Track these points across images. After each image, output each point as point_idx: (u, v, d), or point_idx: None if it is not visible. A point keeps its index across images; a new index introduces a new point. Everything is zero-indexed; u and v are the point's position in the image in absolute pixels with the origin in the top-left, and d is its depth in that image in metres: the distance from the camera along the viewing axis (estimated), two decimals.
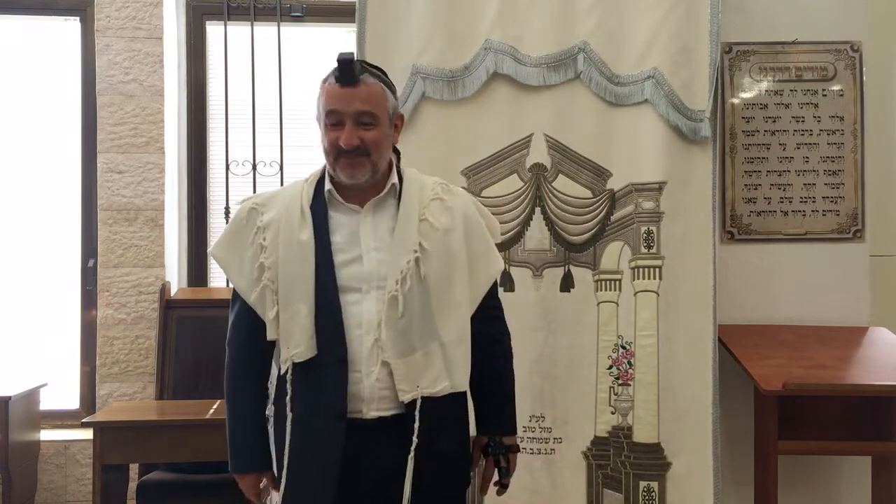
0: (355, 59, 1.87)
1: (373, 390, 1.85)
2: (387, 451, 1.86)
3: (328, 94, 1.87)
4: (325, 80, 1.90)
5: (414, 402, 1.85)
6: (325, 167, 1.97)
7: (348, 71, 1.84)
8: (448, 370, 1.90)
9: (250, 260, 1.93)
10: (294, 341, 1.86)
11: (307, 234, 1.89)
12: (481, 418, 2.07)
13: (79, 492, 3.96)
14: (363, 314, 1.86)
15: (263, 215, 1.95)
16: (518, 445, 2.10)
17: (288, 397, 1.86)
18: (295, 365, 1.86)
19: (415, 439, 1.84)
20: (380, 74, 1.92)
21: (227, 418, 1.96)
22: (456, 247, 1.94)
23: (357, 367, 1.85)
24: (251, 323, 1.93)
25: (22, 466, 3.71)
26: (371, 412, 1.85)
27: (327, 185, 1.95)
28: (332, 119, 1.87)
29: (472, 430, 2.08)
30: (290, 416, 1.85)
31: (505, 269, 2.86)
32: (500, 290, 2.22)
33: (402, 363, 1.86)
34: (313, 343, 1.85)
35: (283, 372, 1.87)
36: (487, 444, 2.05)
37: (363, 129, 1.86)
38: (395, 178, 1.95)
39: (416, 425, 1.84)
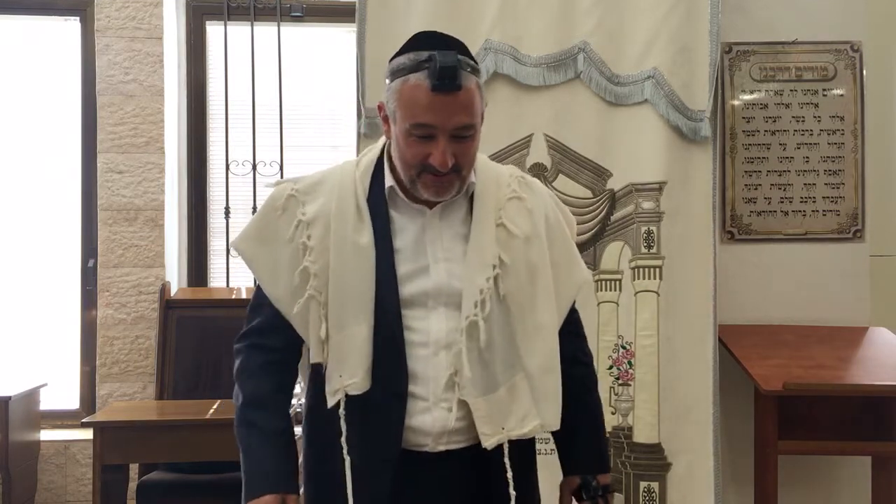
0: (458, 60, 1.49)
1: (445, 423, 1.56)
2: (453, 487, 1.60)
3: (416, 103, 1.49)
4: (404, 74, 1.52)
5: (499, 446, 1.56)
6: (382, 152, 1.65)
7: (452, 78, 1.48)
8: (537, 406, 1.60)
9: (289, 261, 1.60)
10: (349, 369, 1.55)
11: (367, 236, 1.57)
12: (570, 454, 1.76)
13: (79, 492, 3.96)
14: (430, 332, 1.57)
15: (306, 206, 1.61)
16: (614, 485, 1.80)
17: (343, 437, 1.56)
18: (347, 397, 1.56)
19: (513, 492, 1.57)
20: (474, 64, 1.56)
21: (244, 440, 1.62)
22: (538, 258, 1.64)
23: (423, 396, 1.56)
24: (285, 336, 1.62)
25: (22, 466, 3.71)
26: (439, 446, 1.57)
27: (388, 181, 1.61)
28: (421, 132, 1.51)
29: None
30: (347, 459, 1.56)
31: None
32: None
33: (482, 402, 1.55)
34: (371, 373, 1.56)
35: (331, 405, 1.56)
36: (582, 485, 1.72)
37: (457, 143, 1.52)
38: (473, 177, 1.61)
39: (510, 475, 1.57)
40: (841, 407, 2.86)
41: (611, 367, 2.91)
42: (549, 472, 2.81)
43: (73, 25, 4.26)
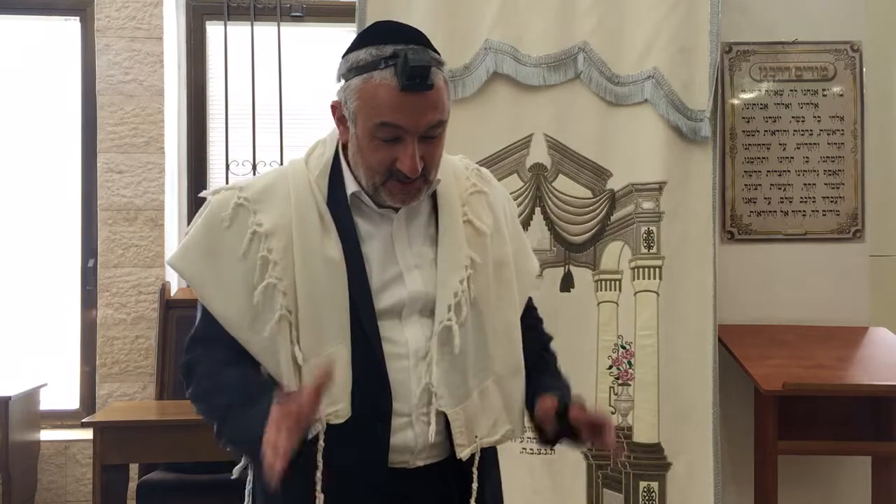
0: (430, 57, 1.38)
1: (426, 439, 1.44)
2: (428, 499, 1.49)
3: (382, 102, 1.36)
4: (365, 72, 1.38)
5: (472, 456, 1.47)
6: (336, 153, 1.50)
7: (424, 78, 1.35)
8: (507, 410, 1.52)
9: (243, 279, 1.42)
10: (330, 395, 1.36)
11: (336, 249, 1.42)
12: (541, 387, 1.54)
13: (79, 492, 3.95)
14: (408, 343, 1.45)
15: (258, 215, 1.44)
16: None
17: (319, 471, 1.40)
18: (327, 426, 1.40)
19: (473, 503, 1.48)
20: (440, 58, 1.43)
21: (214, 407, 1.42)
22: (502, 254, 1.55)
23: (404, 412, 1.43)
24: (241, 366, 1.43)
25: (22, 466, 3.71)
26: (418, 461, 1.46)
27: (352, 186, 1.46)
28: (387, 134, 1.37)
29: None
30: (320, 496, 1.40)
31: None
32: None
33: (460, 412, 1.45)
34: (351, 395, 1.41)
35: (309, 437, 1.36)
36: (560, 406, 1.47)
37: (426, 144, 1.39)
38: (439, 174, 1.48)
39: (475, 486, 1.47)
40: (841, 407, 2.87)
41: (610, 367, 2.91)
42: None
43: (73, 25, 4.25)
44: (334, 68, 1.47)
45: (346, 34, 4.09)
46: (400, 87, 1.34)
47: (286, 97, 4.21)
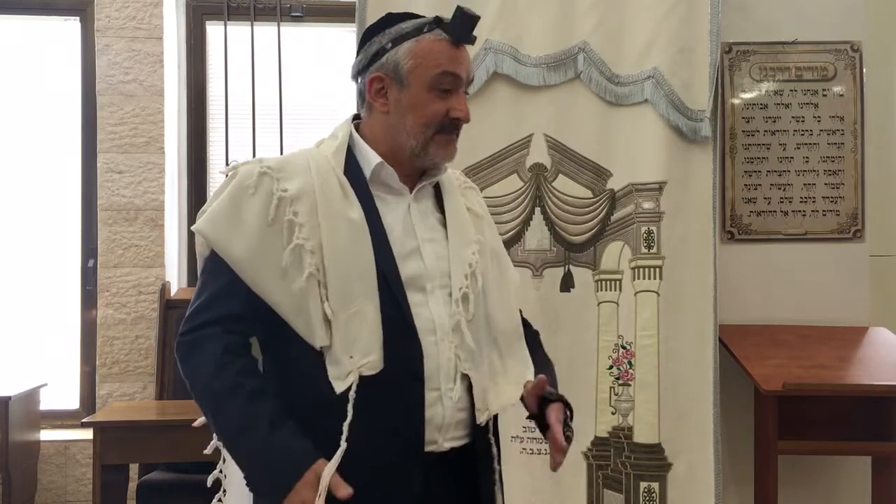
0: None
1: (453, 413, 1.50)
2: (456, 493, 1.54)
3: (440, 54, 1.51)
4: (412, 37, 1.52)
5: (487, 425, 1.55)
6: (350, 133, 1.58)
7: (472, 29, 1.52)
8: (507, 382, 1.62)
9: (271, 243, 1.46)
10: (361, 349, 1.43)
11: (357, 212, 1.48)
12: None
13: (79, 492, 3.96)
14: (434, 318, 1.50)
15: (282, 182, 1.48)
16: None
17: (347, 422, 1.42)
18: (361, 380, 1.43)
19: (497, 466, 1.56)
20: None
21: (233, 428, 1.51)
22: (496, 243, 1.70)
23: (434, 385, 1.48)
24: (255, 313, 1.46)
25: (22, 466, 3.71)
26: (446, 442, 1.50)
27: (375, 158, 1.54)
28: (447, 83, 1.52)
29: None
30: (343, 445, 1.42)
31: None
32: None
33: (477, 375, 1.53)
34: (383, 352, 1.45)
35: (342, 389, 1.43)
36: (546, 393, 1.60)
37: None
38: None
39: (495, 450, 1.57)
40: (841, 407, 2.86)
41: (611, 367, 2.91)
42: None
43: (73, 25, 4.26)
44: (334, 68, 1.51)
45: (346, 34, 4.09)
46: (454, 39, 1.51)
47: (286, 97, 4.21)
